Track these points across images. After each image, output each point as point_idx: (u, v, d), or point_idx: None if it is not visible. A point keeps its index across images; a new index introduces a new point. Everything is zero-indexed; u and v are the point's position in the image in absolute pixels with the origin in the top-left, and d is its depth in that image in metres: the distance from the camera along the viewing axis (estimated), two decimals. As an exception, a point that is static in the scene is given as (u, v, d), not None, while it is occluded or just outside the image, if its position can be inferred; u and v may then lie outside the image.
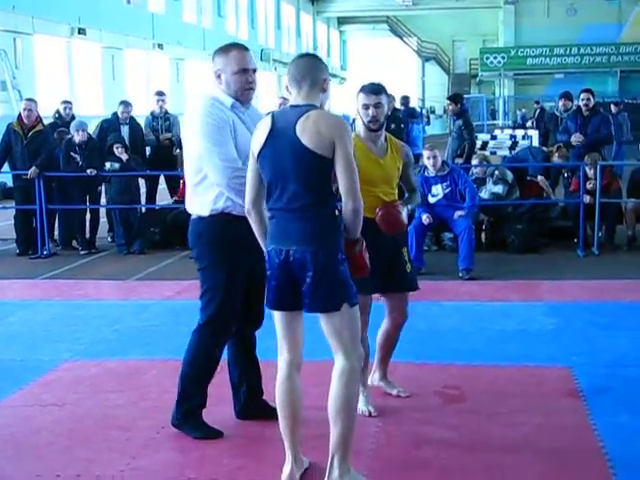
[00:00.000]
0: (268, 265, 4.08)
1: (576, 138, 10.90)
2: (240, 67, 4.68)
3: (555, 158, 11.51)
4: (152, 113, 12.53)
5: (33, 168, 10.83)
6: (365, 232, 4.03)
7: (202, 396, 4.84)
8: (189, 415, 4.83)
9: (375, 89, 4.97)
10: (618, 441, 4.61)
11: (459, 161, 11.75)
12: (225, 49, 4.73)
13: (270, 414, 4.73)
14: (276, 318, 4.15)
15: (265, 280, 4.19)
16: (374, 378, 5.49)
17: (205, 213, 4.64)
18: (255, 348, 5.08)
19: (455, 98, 13.01)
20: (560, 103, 12.35)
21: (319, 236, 3.93)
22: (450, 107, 12.83)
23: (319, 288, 3.93)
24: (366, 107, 4.94)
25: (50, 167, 11.07)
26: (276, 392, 4.16)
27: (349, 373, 3.96)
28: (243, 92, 4.72)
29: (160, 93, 12.86)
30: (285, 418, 4.13)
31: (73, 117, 12.47)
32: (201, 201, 4.66)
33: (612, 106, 19.29)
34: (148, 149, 12.51)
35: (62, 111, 12.49)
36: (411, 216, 7.96)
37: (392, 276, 5.06)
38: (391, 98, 12.95)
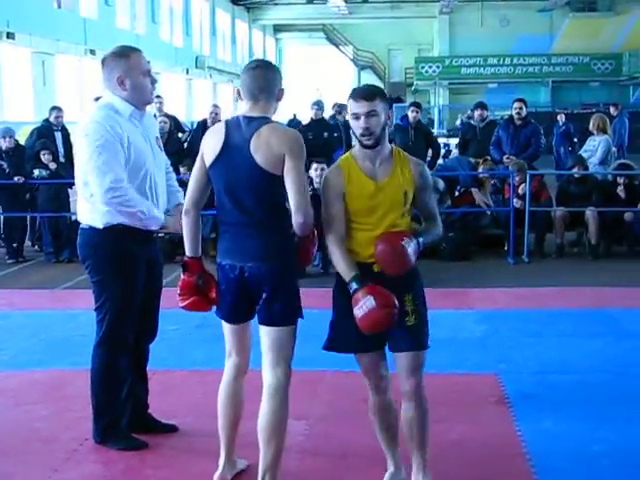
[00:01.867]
0: (221, 279, 4.07)
1: (507, 160, 11.05)
2: (146, 69, 4.58)
3: (481, 169, 11.59)
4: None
5: None
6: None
7: (116, 409, 4.74)
8: (108, 430, 4.74)
9: (366, 93, 3.87)
10: (542, 446, 4.67)
11: None
12: (123, 53, 4.54)
13: (154, 429, 4.83)
14: (226, 329, 4.17)
15: (159, 294, 4.42)
16: None
17: (99, 225, 4.51)
18: (147, 362, 4.99)
19: (418, 106, 13.06)
20: (476, 113, 12.41)
21: (275, 252, 3.93)
22: (413, 115, 12.65)
23: (275, 303, 3.94)
24: (356, 117, 3.86)
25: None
26: (219, 393, 4.20)
27: (284, 390, 3.99)
28: (150, 95, 4.65)
29: (98, 99, 12.64)
30: (224, 418, 4.19)
31: None
32: (93, 211, 4.52)
33: (612, 108, 18.68)
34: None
35: None
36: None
37: (388, 331, 3.91)
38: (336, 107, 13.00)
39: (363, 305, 3.71)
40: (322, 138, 12.30)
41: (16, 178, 10.82)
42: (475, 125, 12.41)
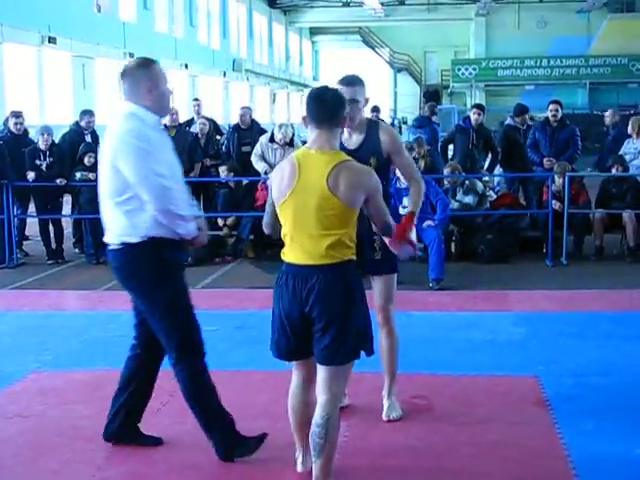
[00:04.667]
0: None
1: (548, 163, 10.97)
2: (166, 79, 4.61)
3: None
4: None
5: None
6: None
7: (225, 417, 4.70)
8: (231, 442, 4.67)
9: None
10: (582, 449, 4.66)
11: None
12: (148, 64, 4.56)
13: (138, 441, 4.81)
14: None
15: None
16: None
17: (135, 239, 4.44)
18: (158, 371, 4.93)
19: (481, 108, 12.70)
20: (519, 119, 12.27)
21: None
22: (475, 117, 12.27)
23: None
24: None
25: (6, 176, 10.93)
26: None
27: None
28: (170, 104, 4.72)
29: None
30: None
31: (26, 132, 12.05)
32: (127, 225, 4.44)
33: None
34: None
35: (12, 127, 11.62)
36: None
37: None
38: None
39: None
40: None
41: (58, 180, 10.96)
42: (520, 127, 12.20)
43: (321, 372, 4.07)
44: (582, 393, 5.60)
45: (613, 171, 10.92)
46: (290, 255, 4.07)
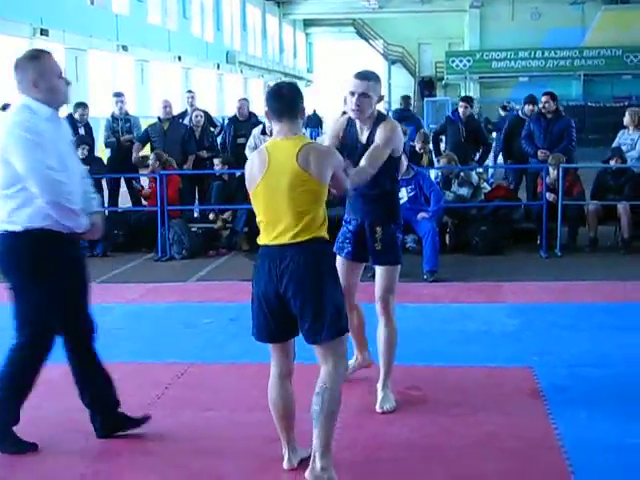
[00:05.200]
0: None
1: (542, 154, 10.95)
2: (59, 71, 4.58)
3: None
4: (112, 115, 12.37)
5: None
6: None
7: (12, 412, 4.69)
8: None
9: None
10: (576, 439, 4.68)
11: None
12: (37, 56, 4.57)
13: (127, 426, 4.81)
14: None
15: (87, 290, 4.62)
16: None
17: (17, 228, 4.43)
18: (99, 359, 4.84)
19: (468, 100, 12.88)
20: (527, 107, 12.24)
21: None
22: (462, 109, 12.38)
23: None
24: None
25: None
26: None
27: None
28: (65, 97, 4.65)
29: (118, 94, 12.64)
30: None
31: None
32: (13, 214, 4.42)
33: None
34: (108, 151, 12.38)
35: None
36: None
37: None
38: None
39: None
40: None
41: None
42: (525, 118, 12.15)
43: (316, 350, 4.18)
44: (576, 384, 5.62)
45: (612, 163, 10.91)
46: (264, 238, 4.16)
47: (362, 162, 5.00)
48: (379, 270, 5.37)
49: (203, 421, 5.13)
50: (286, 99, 4.19)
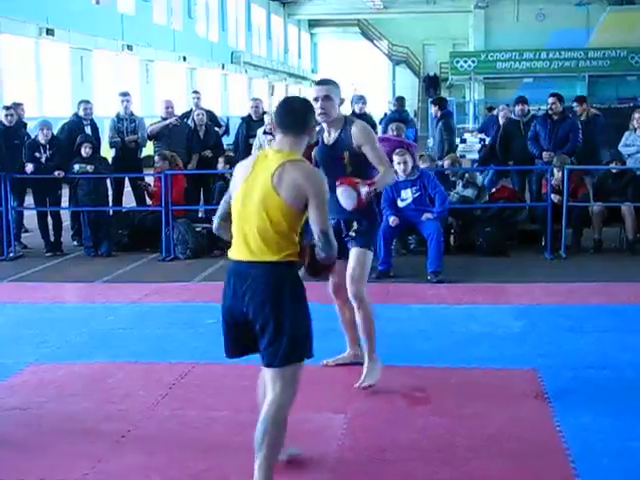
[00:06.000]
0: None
1: (547, 156, 10.93)
2: None
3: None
4: (117, 115, 12.35)
5: None
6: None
7: None
8: None
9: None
10: (581, 442, 4.66)
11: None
12: None
13: None
14: None
15: None
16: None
17: None
18: None
19: (439, 101, 14.04)
20: (517, 108, 12.20)
21: None
22: (433, 110, 13.76)
23: None
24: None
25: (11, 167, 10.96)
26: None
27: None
28: None
29: (124, 94, 12.59)
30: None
31: (20, 124, 12.04)
32: None
33: None
34: (113, 151, 12.38)
35: (3, 119, 11.56)
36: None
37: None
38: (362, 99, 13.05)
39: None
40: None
41: (56, 173, 10.94)
42: (518, 119, 12.15)
43: (266, 372, 4.02)
44: (581, 386, 5.60)
45: (612, 165, 10.91)
46: (233, 252, 4.03)
47: (379, 168, 5.40)
48: (350, 254, 5.58)
49: (207, 421, 5.12)
50: (296, 113, 4.08)
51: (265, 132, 11.18)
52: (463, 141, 23.28)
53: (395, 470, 4.40)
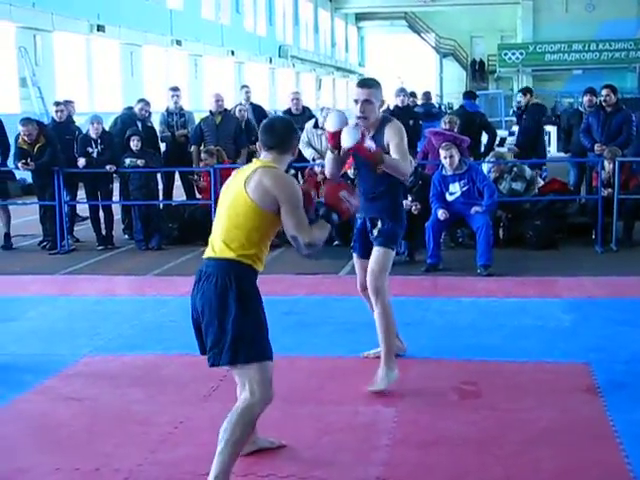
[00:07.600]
0: None
1: (599, 148, 10.78)
2: None
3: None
4: (167, 109, 12.46)
5: (32, 165, 11.00)
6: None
7: None
8: None
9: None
10: (635, 436, 4.61)
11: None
12: None
13: None
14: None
15: None
16: None
17: None
18: None
19: (528, 90, 13.33)
20: (585, 99, 12.08)
21: None
22: (523, 99, 12.88)
23: None
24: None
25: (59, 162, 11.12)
26: None
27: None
28: None
29: (174, 89, 12.74)
30: None
31: (69, 119, 12.31)
32: None
33: None
34: (163, 146, 12.50)
35: (54, 114, 12.03)
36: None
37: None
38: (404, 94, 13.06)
39: None
40: (408, 126, 12.25)
41: (108, 167, 11.07)
42: (582, 111, 12.00)
43: (233, 373, 4.13)
44: (634, 380, 5.55)
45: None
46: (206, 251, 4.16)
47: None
48: (372, 252, 5.56)
49: (258, 413, 5.15)
50: (278, 135, 4.16)
51: (316, 126, 11.17)
52: (512, 134, 23.10)
53: (446, 463, 4.40)
